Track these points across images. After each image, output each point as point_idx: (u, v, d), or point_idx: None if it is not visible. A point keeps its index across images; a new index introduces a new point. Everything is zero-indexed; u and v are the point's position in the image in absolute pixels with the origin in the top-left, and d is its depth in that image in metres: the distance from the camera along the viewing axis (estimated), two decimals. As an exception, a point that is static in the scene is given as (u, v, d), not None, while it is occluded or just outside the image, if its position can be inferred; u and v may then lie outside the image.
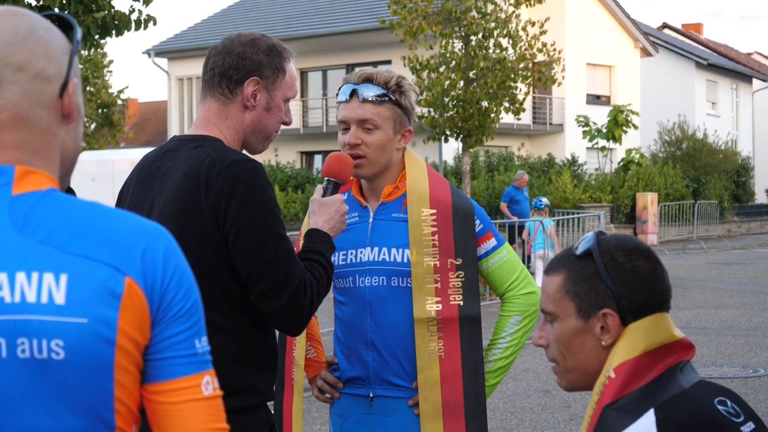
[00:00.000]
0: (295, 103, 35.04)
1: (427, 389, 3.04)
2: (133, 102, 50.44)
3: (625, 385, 1.97)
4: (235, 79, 2.65)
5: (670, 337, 2.01)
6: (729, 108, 45.20)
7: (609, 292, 2.00)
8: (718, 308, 14.21)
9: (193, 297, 1.53)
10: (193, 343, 1.51)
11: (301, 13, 35.82)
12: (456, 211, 3.11)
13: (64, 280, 1.43)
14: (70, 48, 1.56)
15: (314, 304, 2.56)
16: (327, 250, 2.69)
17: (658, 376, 1.98)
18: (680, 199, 31.79)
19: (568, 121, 34.75)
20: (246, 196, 2.49)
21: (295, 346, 3.25)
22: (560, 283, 2.06)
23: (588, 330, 2.03)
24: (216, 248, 2.50)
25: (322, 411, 8.02)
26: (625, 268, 2.01)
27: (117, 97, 38.11)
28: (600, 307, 2.01)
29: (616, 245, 2.04)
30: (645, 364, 1.98)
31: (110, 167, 26.58)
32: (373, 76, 3.06)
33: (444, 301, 3.05)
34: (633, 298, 2.00)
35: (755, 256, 25.02)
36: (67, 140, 1.56)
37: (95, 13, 10.11)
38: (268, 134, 2.72)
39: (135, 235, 1.49)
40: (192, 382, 1.50)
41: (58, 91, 1.52)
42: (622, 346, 1.99)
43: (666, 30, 49.31)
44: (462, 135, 18.01)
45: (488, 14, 18.00)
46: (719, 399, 2.00)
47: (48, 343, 1.42)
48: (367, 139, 3.04)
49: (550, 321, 2.08)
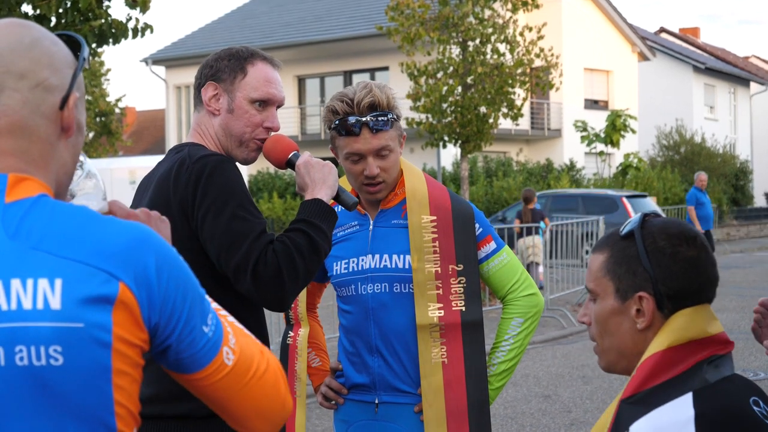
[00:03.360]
0: (293, 110, 35.08)
1: (431, 395, 3.04)
2: (131, 110, 50.47)
3: (646, 380, 1.95)
4: (199, 87, 2.75)
5: (701, 333, 1.97)
6: (727, 112, 45.23)
7: (647, 275, 1.98)
8: (718, 312, 14.20)
9: (190, 295, 1.55)
10: (202, 330, 1.55)
11: (299, 20, 35.84)
12: (456, 216, 3.11)
13: (59, 285, 1.43)
14: (76, 64, 1.57)
15: (286, 272, 2.50)
16: (313, 214, 2.62)
17: (685, 370, 1.94)
18: (679, 203, 31.78)
19: (566, 126, 34.77)
20: (207, 186, 2.52)
21: (297, 360, 3.25)
22: (602, 261, 2.05)
23: (624, 311, 2.01)
24: (187, 243, 2.52)
25: (323, 418, 8.01)
26: (665, 252, 1.98)
27: (115, 106, 38.11)
28: (637, 290, 1.99)
29: (661, 228, 2.02)
30: (670, 360, 1.95)
31: (108, 176, 26.55)
32: (376, 102, 3.01)
33: (446, 307, 3.04)
34: (671, 283, 1.97)
35: (755, 259, 25.02)
36: (65, 154, 1.57)
37: (92, 21, 10.12)
38: (239, 138, 2.72)
39: (127, 240, 1.49)
40: (217, 363, 1.57)
41: (59, 102, 1.53)
42: (654, 342, 1.97)
43: (663, 34, 49.38)
44: (460, 141, 18.01)
45: (486, 20, 18.01)
46: (754, 399, 1.96)
47: (46, 349, 1.42)
48: (385, 164, 3.05)
49: (593, 299, 2.07)
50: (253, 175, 32.53)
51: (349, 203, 2.78)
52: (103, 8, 10.19)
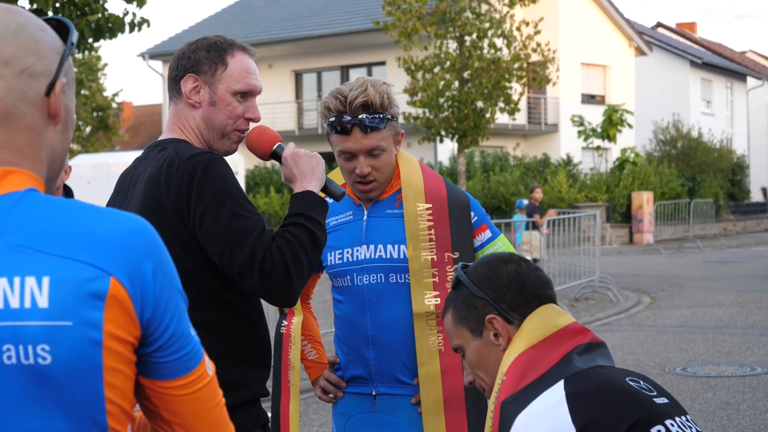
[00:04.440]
0: (290, 105, 35.06)
1: (428, 383, 3.05)
2: (128, 105, 50.38)
3: (519, 380, 2.10)
4: (177, 79, 2.69)
5: (552, 328, 2.18)
6: (724, 106, 45.25)
7: (485, 301, 2.23)
8: (714, 307, 14.21)
9: (178, 288, 1.51)
10: (189, 334, 1.52)
11: (296, 15, 35.80)
12: (452, 204, 3.12)
13: (47, 283, 1.40)
14: (64, 49, 1.53)
15: (293, 268, 2.49)
16: (307, 207, 2.61)
17: (555, 364, 2.11)
18: (676, 197, 31.81)
19: (563, 120, 34.77)
20: (203, 186, 2.49)
21: (291, 348, 3.24)
22: (450, 318, 2.31)
23: (487, 343, 2.25)
24: (185, 244, 2.50)
25: (320, 412, 8.01)
26: (488, 276, 2.25)
27: (112, 100, 38.06)
28: (483, 318, 2.23)
29: (478, 263, 2.31)
30: (534, 358, 2.13)
31: (105, 170, 26.52)
32: (369, 102, 2.99)
33: (442, 295, 3.04)
34: (505, 296, 2.22)
35: (751, 254, 25.04)
36: (55, 142, 1.53)
37: (89, 15, 10.11)
38: (221, 130, 2.68)
39: (119, 234, 1.45)
40: (199, 372, 1.53)
41: (45, 89, 1.49)
42: (508, 351, 2.17)
43: (660, 29, 49.38)
44: (457, 135, 18.02)
45: (482, 15, 18.01)
46: (631, 378, 2.14)
47: (34, 348, 1.39)
48: (377, 164, 3.04)
49: (463, 355, 2.32)
50: (250, 170, 32.51)
51: (337, 194, 2.77)
52: (100, 3, 10.19)
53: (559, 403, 2.03)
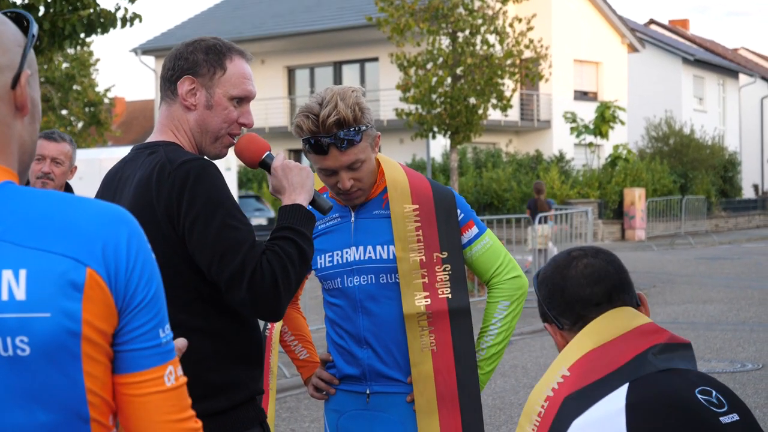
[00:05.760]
0: (283, 101, 35.02)
1: (422, 383, 3.05)
2: (120, 100, 50.25)
3: (583, 378, 2.07)
4: (173, 80, 2.65)
5: (625, 327, 2.14)
6: (716, 103, 45.32)
7: (542, 308, 2.31)
8: (705, 303, 14.25)
9: (155, 283, 1.51)
10: (158, 333, 1.51)
11: (289, 10, 35.77)
12: (438, 204, 3.12)
13: (24, 276, 1.41)
14: (25, 41, 1.54)
15: (281, 282, 2.47)
16: (297, 221, 2.58)
17: (626, 363, 2.07)
18: (668, 194, 31.87)
19: (556, 117, 34.81)
20: (194, 193, 2.46)
21: (271, 353, 3.25)
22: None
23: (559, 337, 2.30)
24: (175, 249, 2.48)
25: (312, 409, 8.02)
26: (540, 283, 2.30)
27: (104, 96, 37.95)
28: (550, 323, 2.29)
29: (546, 267, 2.33)
30: (603, 356, 2.09)
31: (97, 166, 26.45)
32: (342, 119, 2.93)
33: (432, 295, 3.05)
34: (550, 307, 2.27)
35: (743, 251, 25.10)
36: (24, 134, 1.54)
37: (81, 11, 10.09)
38: (215, 134, 2.65)
39: (96, 224, 1.46)
40: (155, 374, 1.50)
41: (11, 82, 1.50)
42: (569, 348, 2.16)
43: (653, 26, 49.42)
44: (450, 132, 18.01)
45: (475, 11, 18.00)
46: (702, 389, 2.04)
47: (12, 340, 1.40)
48: (358, 175, 3.02)
49: None
50: (242, 166, 32.48)
51: (325, 207, 2.74)
52: (92, -2, 10.16)
53: (618, 413, 1.98)
